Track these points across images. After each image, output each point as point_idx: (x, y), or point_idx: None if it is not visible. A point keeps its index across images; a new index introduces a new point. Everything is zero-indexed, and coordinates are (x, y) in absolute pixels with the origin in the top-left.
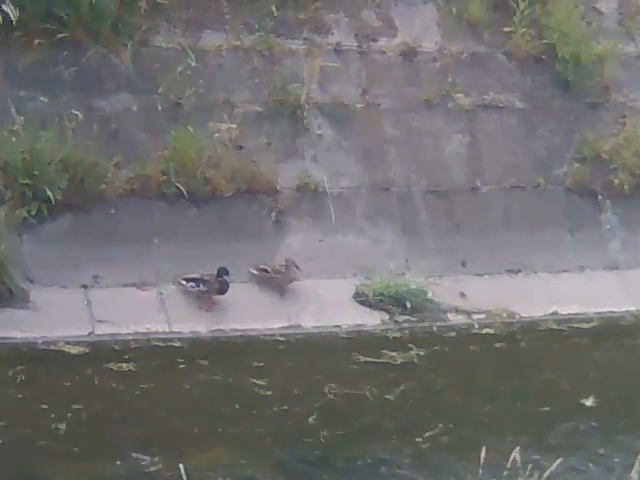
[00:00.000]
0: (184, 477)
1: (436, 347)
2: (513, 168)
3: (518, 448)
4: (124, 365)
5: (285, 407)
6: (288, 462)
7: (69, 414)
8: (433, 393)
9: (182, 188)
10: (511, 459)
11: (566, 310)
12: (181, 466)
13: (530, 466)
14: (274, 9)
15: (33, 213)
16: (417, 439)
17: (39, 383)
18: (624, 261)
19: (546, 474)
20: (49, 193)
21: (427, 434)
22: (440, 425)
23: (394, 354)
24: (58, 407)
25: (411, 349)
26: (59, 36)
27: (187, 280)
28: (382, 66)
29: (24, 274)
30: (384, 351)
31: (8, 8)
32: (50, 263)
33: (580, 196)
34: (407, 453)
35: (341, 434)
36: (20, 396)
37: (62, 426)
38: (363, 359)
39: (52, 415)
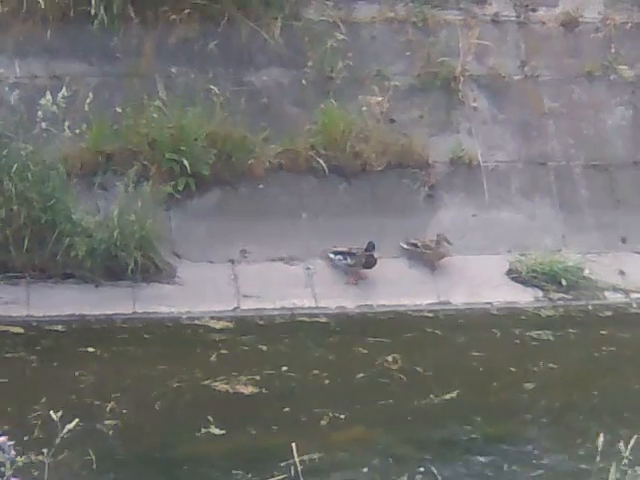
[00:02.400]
0: None
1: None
2: None
3: None
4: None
5: None
6: None
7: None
8: None
9: (331, 162)
10: None
11: None
12: None
13: None
14: None
15: (180, 188)
16: None
17: (185, 357)
18: None
19: None
20: (196, 168)
21: None
22: None
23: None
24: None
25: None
26: (208, 11)
27: (335, 253)
28: (542, 37)
29: (171, 249)
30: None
31: None
32: (197, 238)
33: None
34: None
35: None
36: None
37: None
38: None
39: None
